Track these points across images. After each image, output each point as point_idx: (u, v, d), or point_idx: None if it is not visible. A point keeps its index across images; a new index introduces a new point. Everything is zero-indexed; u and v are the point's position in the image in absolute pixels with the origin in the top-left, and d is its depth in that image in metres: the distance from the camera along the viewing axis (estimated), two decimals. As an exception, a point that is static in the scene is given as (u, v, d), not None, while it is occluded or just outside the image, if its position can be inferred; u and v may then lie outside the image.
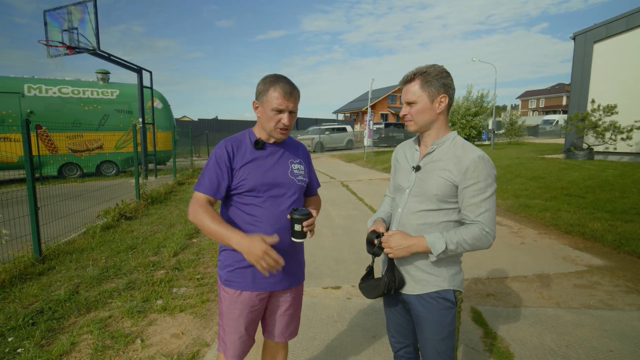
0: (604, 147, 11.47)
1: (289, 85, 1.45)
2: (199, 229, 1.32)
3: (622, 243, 4.34)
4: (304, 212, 1.44)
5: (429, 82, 1.35)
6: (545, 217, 5.61)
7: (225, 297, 1.54)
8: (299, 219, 1.43)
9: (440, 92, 1.35)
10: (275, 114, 1.44)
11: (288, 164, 1.56)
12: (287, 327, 1.68)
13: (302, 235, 1.46)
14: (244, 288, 1.51)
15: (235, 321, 1.54)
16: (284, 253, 1.53)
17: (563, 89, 61.26)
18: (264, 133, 1.53)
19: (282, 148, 1.58)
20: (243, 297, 1.52)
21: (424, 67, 1.37)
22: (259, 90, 1.46)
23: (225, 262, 1.54)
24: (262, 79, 1.48)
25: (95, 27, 8.48)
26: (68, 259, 4.12)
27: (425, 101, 1.36)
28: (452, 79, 1.37)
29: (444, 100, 1.36)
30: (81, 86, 11.63)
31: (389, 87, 43.77)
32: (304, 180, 1.60)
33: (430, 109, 1.37)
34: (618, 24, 11.50)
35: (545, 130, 33.31)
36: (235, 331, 1.55)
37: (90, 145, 11.70)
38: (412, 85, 1.37)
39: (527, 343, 2.52)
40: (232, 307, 1.53)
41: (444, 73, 1.36)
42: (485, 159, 1.32)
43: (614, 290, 3.32)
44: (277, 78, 1.46)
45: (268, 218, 1.48)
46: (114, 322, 2.82)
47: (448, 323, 1.39)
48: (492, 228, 1.31)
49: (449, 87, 1.37)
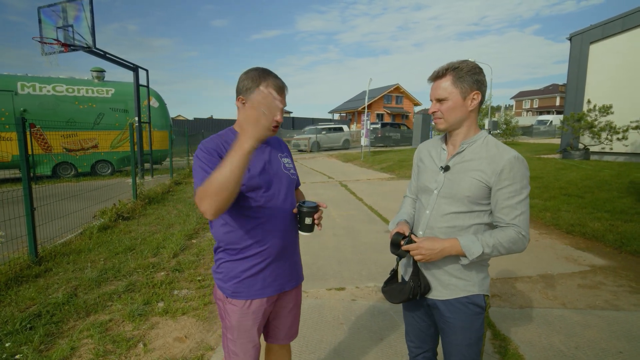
0: (600, 147, 11.56)
1: (279, 80, 1.38)
2: (220, 197, 1.10)
3: (624, 243, 4.34)
4: (312, 205, 1.42)
5: (461, 78, 1.28)
6: (546, 217, 5.61)
7: (234, 310, 1.44)
8: (309, 212, 1.41)
9: (473, 89, 1.29)
10: None
11: (279, 158, 1.51)
12: (291, 327, 1.65)
13: (311, 228, 1.45)
14: (254, 296, 1.43)
15: (249, 332, 1.46)
16: (290, 250, 1.51)
17: (556, 90, 61.82)
18: None
19: (268, 145, 1.51)
20: (254, 306, 1.44)
21: (456, 62, 1.31)
22: (246, 86, 1.36)
23: (230, 274, 1.43)
24: (246, 73, 1.38)
25: (91, 24, 8.35)
26: (65, 260, 4.03)
27: (457, 98, 1.30)
28: (484, 75, 1.32)
29: (476, 97, 1.31)
30: (76, 84, 11.46)
31: (385, 87, 43.83)
32: (295, 174, 1.57)
33: (462, 106, 1.31)
34: (614, 25, 11.59)
35: (539, 130, 33.59)
36: (250, 341, 1.47)
37: (85, 145, 11.54)
38: (443, 81, 1.31)
39: (536, 345, 2.49)
40: (243, 319, 1.45)
41: (476, 69, 1.30)
42: (521, 159, 1.27)
43: (618, 290, 3.32)
44: (265, 73, 1.37)
45: (276, 217, 1.42)
46: (115, 326, 2.75)
47: (477, 329, 1.35)
48: (527, 231, 1.27)
49: (482, 84, 1.30)
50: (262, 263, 1.42)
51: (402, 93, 44.19)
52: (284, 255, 1.48)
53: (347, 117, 45.09)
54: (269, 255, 1.43)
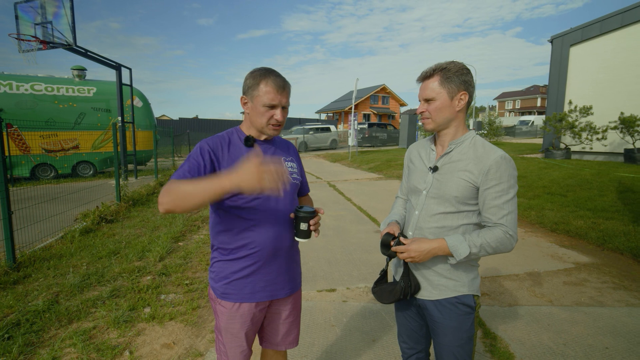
0: (581, 147, 11.88)
1: (280, 79, 1.36)
2: (177, 204, 1.11)
3: (606, 240, 4.46)
4: (309, 210, 1.37)
5: (449, 79, 1.29)
6: (531, 215, 5.72)
7: (223, 311, 1.43)
8: (305, 217, 1.36)
9: (461, 89, 1.30)
10: (267, 109, 1.35)
11: (282, 161, 1.48)
12: (287, 334, 1.60)
13: (307, 234, 1.39)
14: (243, 300, 1.41)
15: (235, 336, 1.44)
16: (284, 256, 1.47)
17: (537, 91, 63.41)
18: (254, 130, 1.43)
19: (273, 146, 1.49)
20: (242, 309, 1.42)
21: (444, 63, 1.31)
22: (248, 85, 1.37)
23: (221, 274, 1.43)
24: (250, 72, 1.38)
25: (71, 21, 8.08)
26: (45, 265, 3.88)
27: (444, 98, 1.30)
28: (472, 76, 1.32)
29: (464, 97, 1.31)
30: (55, 83, 11.11)
31: (371, 87, 44.09)
32: (298, 179, 1.53)
33: (449, 107, 1.31)
34: (592, 28, 11.94)
35: (522, 130, 34.33)
36: (237, 345, 1.46)
37: (66, 145, 11.19)
38: (431, 81, 1.32)
39: (525, 342, 2.52)
40: (231, 322, 1.43)
41: (464, 70, 1.30)
42: (507, 159, 1.27)
43: (602, 287, 3.40)
44: (267, 71, 1.36)
45: (269, 221, 1.39)
46: (99, 334, 2.65)
47: (467, 329, 1.35)
48: (515, 231, 1.27)
49: (469, 85, 1.32)
50: (252, 266, 1.40)
51: (389, 93, 44.55)
52: (276, 261, 1.44)
53: (334, 117, 45.18)
54: (259, 258, 1.40)
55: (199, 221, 5.91)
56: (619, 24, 11.30)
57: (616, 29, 11.37)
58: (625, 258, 4.07)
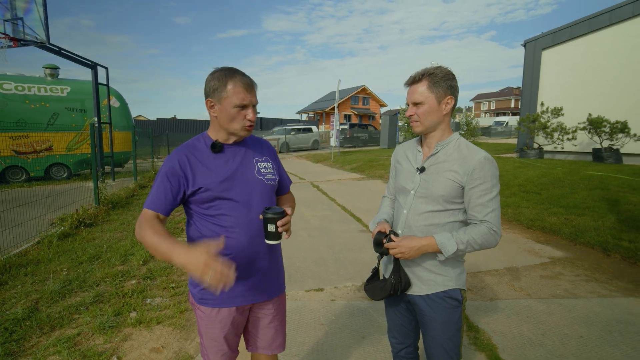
0: (553, 147, 12.41)
1: (247, 77, 1.35)
2: (145, 247, 1.25)
3: (578, 235, 4.70)
4: (277, 210, 1.33)
5: (436, 83, 1.35)
6: (508, 212, 5.95)
7: (202, 316, 1.43)
8: (272, 219, 1.32)
9: (447, 94, 1.37)
10: (238, 110, 1.32)
11: (254, 163, 1.45)
12: (273, 339, 1.59)
13: (276, 236, 1.34)
14: (221, 305, 1.40)
15: (216, 340, 1.44)
16: (261, 259, 1.45)
17: (511, 92, 65.62)
18: (223, 133, 1.40)
19: (244, 147, 1.46)
20: (221, 314, 1.41)
21: (431, 68, 1.38)
22: (213, 87, 1.33)
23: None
24: (211, 74, 1.35)
25: (44, 17, 7.78)
26: (22, 272, 3.74)
27: (432, 102, 1.37)
28: (457, 81, 1.39)
29: (450, 102, 1.38)
30: (26, 82, 10.65)
31: (352, 88, 44.45)
32: (274, 179, 1.49)
33: (437, 110, 1.38)
34: (562, 34, 12.51)
35: (497, 130, 35.47)
36: (218, 350, 1.45)
37: (38, 147, 10.74)
38: (420, 86, 1.38)
39: (507, 334, 2.64)
40: (210, 327, 1.42)
41: (450, 75, 1.37)
42: (490, 159, 1.35)
43: (576, 279, 3.59)
44: (232, 71, 1.34)
45: (240, 225, 1.37)
46: (84, 340, 2.59)
47: (455, 322, 1.42)
48: (499, 227, 1.34)
49: (455, 90, 1.39)
50: None
51: (369, 94, 45.04)
52: (254, 265, 1.43)
53: (315, 117, 45.25)
54: (236, 263, 1.36)
55: (182, 224, 5.82)
56: (586, 29, 11.89)
57: (584, 34, 11.96)
58: (595, 252, 4.30)
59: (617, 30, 11.24)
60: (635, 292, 3.28)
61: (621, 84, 11.17)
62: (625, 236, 4.45)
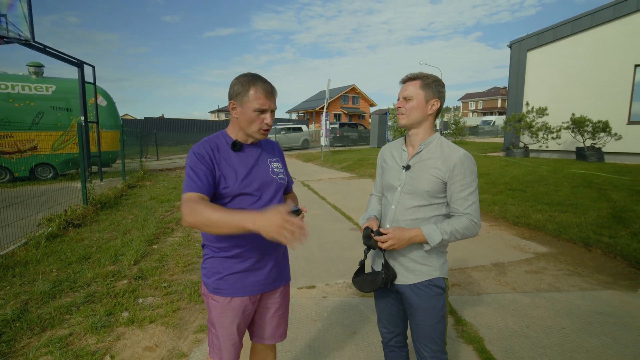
0: (538, 146, 12.69)
1: (268, 84, 1.45)
2: (202, 227, 1.21)
3: (561, 231, 4.85)
4: (293, 209, 1.43)
5: (427, 85, 1.49)
6: (495, 210, 6.09)
7: (215, 305, 1.50)
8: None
9: (435, 97, 1.50)
10: (257, 114, 1.42)
11: (268, 163, 1.55)
12: (277, 328, 1.68)
13: None
14: (234, 294, 1.49)
15: (228, 329, 1.51)
16: (275, 253, 1.56)
17: (498, 92, 66.76)
18: (242, 134, 1.49)
19: (259, 148, 1.56)
20: (234, 303, 1.49)
21: (425, 73, 1.52)
22: (237, 91, 1.42)
23: (213, 269, 1.49)
24: (237, 78, 1.45)
25: (29, 14, 7.62)
26: (10, 273, 3.69)
27: (421, 100, 1.49)
28: (445, 90, 1.53)
29: (435, 104, 1.51)
30: (9, 80, 10.40)
31: (342, 87, 44.59)
32: (284, 179, 1.60)
33: (423, 108, 1.50)
34: (547, 35, 12.80)
35: (484, 130, 36.07)
36: (230, 339, 1.52)
37: (22, 147, 10.51)
38: (413, 83, 1.51)
39: (493, 327, 2.73)
40: (223, 315, 1.50)
41: (441, 82, 1.52)
42: (469, 156, 1.47)
43: (559, 274, 3.72)
44: (254, 77, 1.43)
45: None
46: (77, 340, 2.58)
47: (439, 308, 1.51)
48: (478, 218, 1.46)
49: (442, 96, 1.52)
50: (243, 263, 1.48)
51: (358, 94, 45.26)
52: (265, 257, 1.52)
53: (305, 117, 45.25)
54: (250, 255, 1.48)
55: (173, 223, 5.80)
56: (569, 31, 12.20)
57: (568, 35, 12.27)
58: (578, 247, 4.45)
59: (599, 32, 11.56)
60: (614, 285, 3.42)
61: (603, 84, 11.50)
62: (606, 232, 4.62)
